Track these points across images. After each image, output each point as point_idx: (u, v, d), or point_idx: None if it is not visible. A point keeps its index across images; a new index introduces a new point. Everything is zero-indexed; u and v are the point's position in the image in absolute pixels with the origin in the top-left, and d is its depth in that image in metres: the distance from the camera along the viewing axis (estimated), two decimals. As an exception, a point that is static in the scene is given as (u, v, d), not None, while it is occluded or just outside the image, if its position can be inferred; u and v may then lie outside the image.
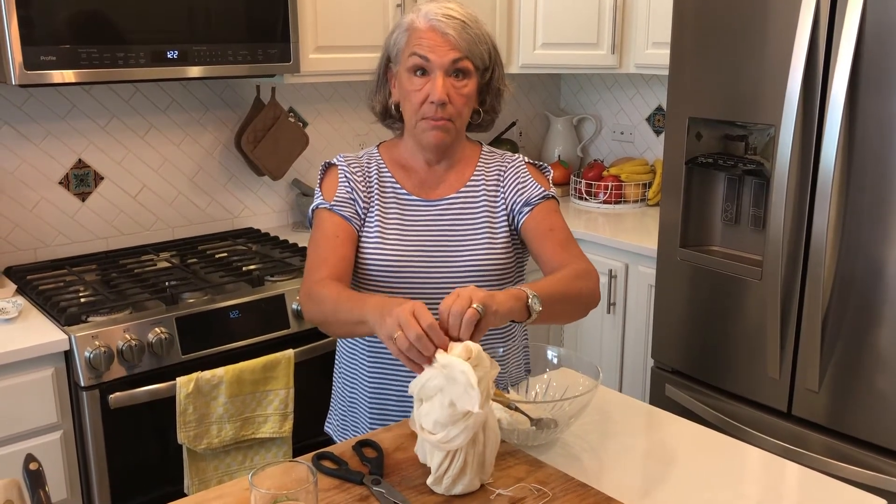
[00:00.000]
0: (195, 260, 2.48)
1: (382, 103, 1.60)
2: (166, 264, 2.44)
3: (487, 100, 1.58)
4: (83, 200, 2.49)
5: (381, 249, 1.53)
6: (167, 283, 2.21)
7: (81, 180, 2.48)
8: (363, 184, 1.58)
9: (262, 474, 1.05)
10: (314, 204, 1.59)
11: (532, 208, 1.56)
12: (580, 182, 3.24)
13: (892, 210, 1.85)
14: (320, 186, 1.61)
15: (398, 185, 1.58)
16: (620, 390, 2.80)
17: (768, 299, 2.08)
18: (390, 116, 1.61)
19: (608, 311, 2.78)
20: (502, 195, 1.59)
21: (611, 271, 2.75)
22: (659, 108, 3.29)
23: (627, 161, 3.28)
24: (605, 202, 3.17)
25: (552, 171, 1.68)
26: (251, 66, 2.32)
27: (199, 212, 2.73)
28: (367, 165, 1.60)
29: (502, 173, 1.61)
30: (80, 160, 2.47)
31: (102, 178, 2.52)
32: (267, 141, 2.68)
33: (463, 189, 1.59)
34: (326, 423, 1.76)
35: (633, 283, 2.72)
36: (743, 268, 2.17)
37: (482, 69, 1.52)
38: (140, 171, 2.58)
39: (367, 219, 1.57)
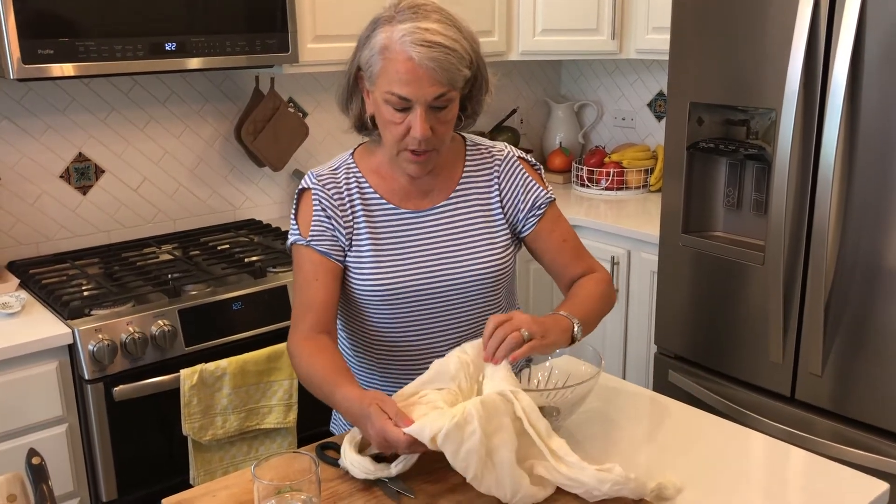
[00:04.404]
0: (197, 252, 2.48)
1: (357, 115, 1.48)
2: (168, 257, 2.44)
3: (469, 106, 1.49)
4: (84, 194, 2.49)
5: (378, 273, 1.44)
6: (170, 276, 2.21)
7: (82, 174, 2.48)
8: (342, 208, 1.46)
9: (265, 465, 1.06)
10: (291, 238, 1.49)
11: (540, 218, 1.51)
12: (582, 169, 3.23)
13: (893, 192, 1.85)
14: (296, 216, 1.49)
15: (384, 201, 1.48)
16: (624, 377, 2.81)
17: (771, 284, 2.08)
18: (366, 128, 1.49)
19: (611, 298, 2.78)
20: (498, 195, 1.52)
21: (613, 258, 2.74)
22: (660, 94, 3.28)
23: (629, 147, 3.27)
24: (606, 189, 3.17)
25: (541, 167, 1.62)
26: (250, 57, 2.31)
27: (201, 204, 2.73)
28: (347, 182, 1.48)
29: (497, 172, 1.53)
30: (80, 153, 2.47)
31: (103, 172, 2.51)
32: (267, 132, 2.68)
33: (453, 194, 1.50)
34: (332, 425, 1.69)
35: (636, 270, 2.72)
36: (745, 253, 2.16)
37: (464, 83, 1.40)
38: (141, 164, 2.58)
39: (354, 242, 1.46)
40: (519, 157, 1.56)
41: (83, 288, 2.15)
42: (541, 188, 1.54)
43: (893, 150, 1.83)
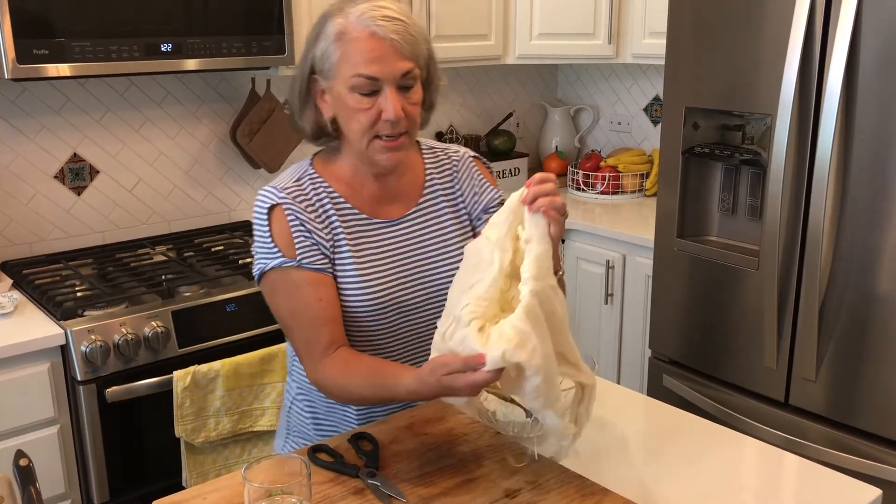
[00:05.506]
0: (191, 253, 2.47)
1: (314, 123, 1.40)
2: (162, 258, 2.43)
3: (427, 97, 1.42)
4: (79, 194, 2.48)
5: (363, 287, 1.38)
6: (163, 277, 2.21)
7: (77, 174, 2.47)
8: (318, 220, 1.38)
9: (256, 468, 1.05)
10: (272, 262, 1.34)
11: (490, 216, 1.48)
12: (577, 173, 3.23)
13: (888, 198, 1.85)
14: (271, 237, 1.35)
15: (356, 211, 1.41)
16: (618, 381, 2.80)
17: (765, 289, 2.08)
18: (326, 135, 1.41)
19: (606, 302, 2.78)
20: (460, 196, 1.50)
21: (608, 262, 2.74)
22: (656, 98, 3.28)
23: (625, 151, 3.27)
24: (602, 193, 3.17)
25: (492, 167, 1.60)
26: (246, 59, 2.31)
27: (195, 205, 2.72)
28: (316, 193, 1.39)
29: (456, 173, 1.51)
30: (75, 154, 2.46)
31: (98, 172, 2.51)
32: (262, 133, 2.67)
33: (422, 200, 1.47)
34: (285, 446, 1.56)
35: (631, 274, 2.72)
36: (740, 258, 2.16)
37: (423, 67, 1.37)
38: (136, 165, 2.57)
39: (336, 255, 1.38)
40: (473, 156, 1.55)
41: (76, 289, 2.15)
42: (493, 189, 1.53)
43: (889, 156, 1.84)
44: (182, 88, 2.62)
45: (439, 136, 3.27)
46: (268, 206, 1.36)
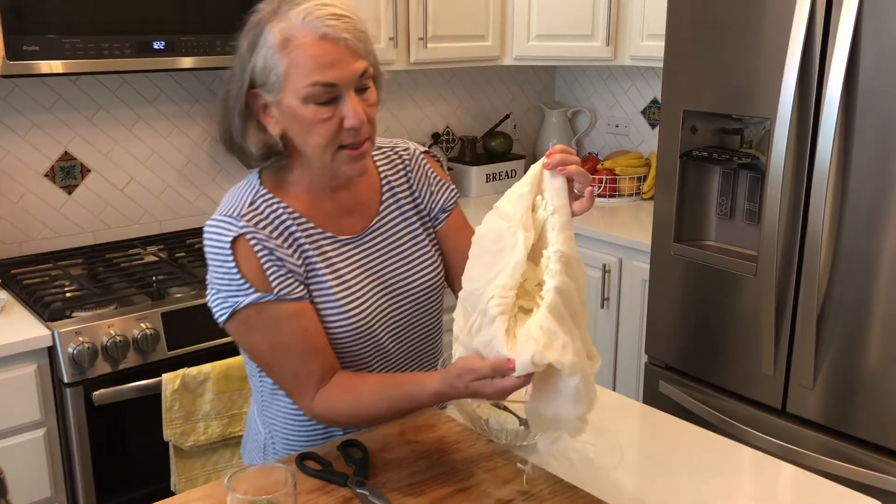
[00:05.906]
0: (183, 254, 2.45)
1: (261, 142, 1.27)
2: (153, 258, 2.41)
3: (378, 95, 1.31)
4: (69, 193, 2.46)
5: (347, 309, 1.30)
6: (154, 278, 2.18)
7: (68, 173, 2.44)
8: (286, 245, 1.27)
9: (240, 477, 1.03)
10: (245, 298, 1.23)
11: (449, 213, 1.45)
12: (574, 175, 3.21)
13: (888, 204, 1.83)
14: (239, 272, 1.22)
15: (322, 231, 1.31)
16: (614, 387, 2.78)
17: (763, 295, 2.06)
18: (275, 153, 1.28)
19: (602, 306, 2.76)
20: (418, 194, 1.43)
21: (604, 266, 2.72)
22: (654, 101, 3.26)
23: (622, 154, 3.25)
24: (599, 196, 3.14)
25: (442, 161, 1.55)
26: (240, 57, 2.28)
27: (188, 205, 2.69)
28: (277, 218, 1.28)
29: (410, 172, 1.43)
30: (66, 152, 2.43)
31: (89, 171, 2.48)
32: (257, 133, 2.65)
33: (383, 207, 1.39)
34: (263, 453, 1.46)
35: (627, 278, 2.70)
36: (737, 263, 2.14)
37: (374, 64, 1.28)
38: (128, 164, 2.55)
39: (311, 283, 1.29)
40: (423, 152, 1.47)
41: (65, 289, 2.12)
42: (448, 185, 1.47)
43: (889, 160, 1.82)
44: (175, 87, 2.60)
45: (436, 138, 3.25)
46: (229, 238, 1.23)
